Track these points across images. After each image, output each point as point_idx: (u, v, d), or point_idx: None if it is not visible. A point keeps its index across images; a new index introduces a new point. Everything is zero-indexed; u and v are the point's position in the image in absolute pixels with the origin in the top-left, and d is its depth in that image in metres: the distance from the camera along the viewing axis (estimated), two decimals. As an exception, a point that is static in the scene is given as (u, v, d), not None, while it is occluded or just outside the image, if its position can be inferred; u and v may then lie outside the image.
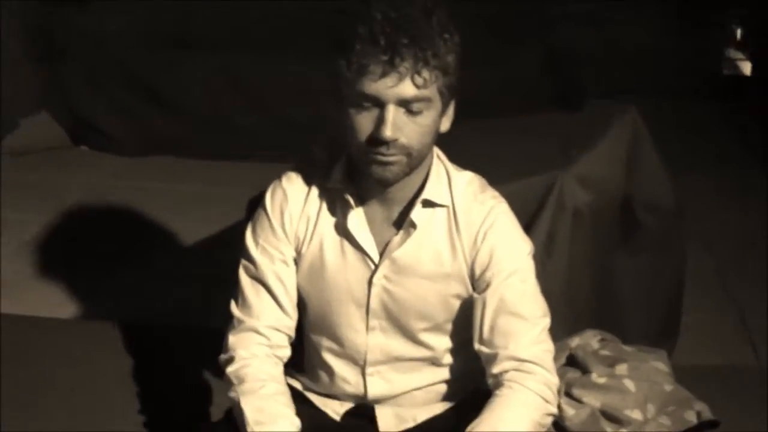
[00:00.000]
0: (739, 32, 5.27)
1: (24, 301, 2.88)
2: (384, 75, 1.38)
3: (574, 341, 2.09)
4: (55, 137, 4.25)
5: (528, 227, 2.14)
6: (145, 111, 4.26)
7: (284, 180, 1.61)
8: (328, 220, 1.57)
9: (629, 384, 1.95)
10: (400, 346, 1.60)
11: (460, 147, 1.68)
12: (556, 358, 2.03)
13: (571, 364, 2.04)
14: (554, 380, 1.52)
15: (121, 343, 2.56)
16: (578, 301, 2.25)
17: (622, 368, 2.00)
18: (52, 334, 2.65)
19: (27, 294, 2.96)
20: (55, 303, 2.90)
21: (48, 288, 2.99)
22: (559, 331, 2.14)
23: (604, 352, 2.07)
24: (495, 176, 1.72)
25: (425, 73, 1.39)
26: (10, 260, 3.19)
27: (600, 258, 2.36)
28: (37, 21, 4.10)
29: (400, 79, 1.39)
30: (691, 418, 1.95)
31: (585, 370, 1.99)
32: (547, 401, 1.48)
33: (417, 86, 1.40)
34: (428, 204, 1.54)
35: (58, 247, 3.32)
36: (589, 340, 2.10)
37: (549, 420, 1.50)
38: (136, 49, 4.24)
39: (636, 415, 1.90)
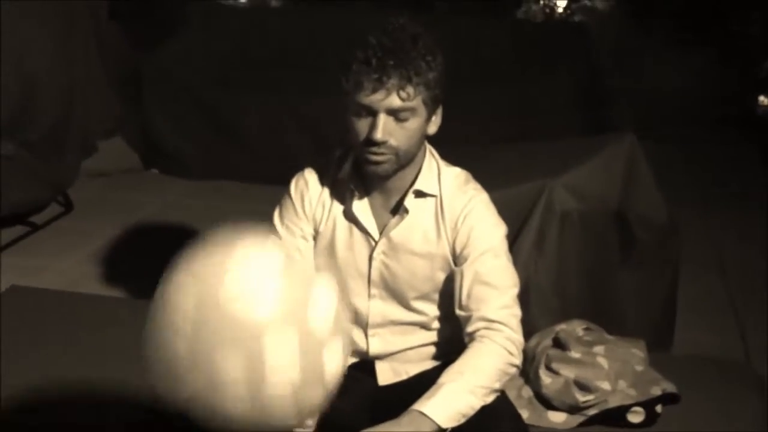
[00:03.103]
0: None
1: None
2: (375, 90, 1.71)
3: (561, 326, 2.38)
4: (129, 161, 4.70)
5: (521, 227, 2.46)
6: (212, 139, 4.65)
7: (306, 172, 1.96)
8: (339, 206, 1.91)
9: (602, 361, 2.24)
10: (396, 311, 1.92)
11: (467, 158, 2.01)
12: (542, 340, 2.35)
13: (556, 345, 2.33)
14: (518, 338, 1.81)
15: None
16: (568, 295, 2.54)
17: (598, 348, 2.28)
18: (109, 310, 3.02)
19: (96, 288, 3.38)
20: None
21: (113, 287, 3.40)
22: (548, 320, 2.46)
23: (587, 338, 2.35)
24: (494, 183, 2.05)
25: (409, 89, 1.72)
26: (80, 263, 3.63)
27: (593, 262, 2.64)
28: (122, 56, 4.55)
29: (389, 93, 1.71)
30: (656, 392, 2.23)
31: (565, 349, 2.28)
32: (510, 353, 1.79)
33: (402, 99, 1.72)
34: (419, 194, 1.87)
35: (123, 254, 3.73)
36: (574, 327, 2.39)
37: (512, 370, 1.80)
38: (207, 84, 4.66)
39: (605, 386, 2.19)
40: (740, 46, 5.46)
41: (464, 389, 1.70)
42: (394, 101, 1.72)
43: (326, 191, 1.93)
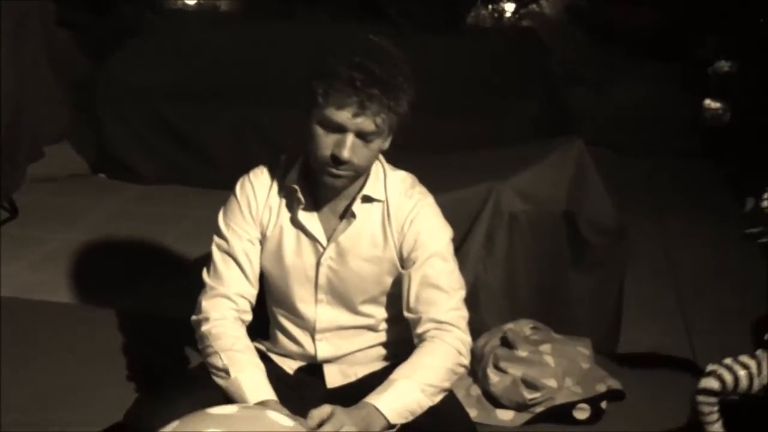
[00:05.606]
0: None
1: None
2: (353, 113, 1.71)
3: (509, 326, 2.41)
4: (76, 166, 4.64)
5: (469, 229, 2.49)
6: (165, 146, 4.60)
7: (252, 175, 1.95)
8: (286, 213, 1.91)
9: (549, 359, 2.28)
10: (343, 316, 1.93)
11: (416, 162, 2.03)
12: (491, 339, 2.38)
13: (504, 344, 2.36)
14: (467, 338, 1.84)
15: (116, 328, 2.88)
16: (518, 296, 2.57)
17: (545, 347, 2.32)
18: (56, 316, 3.02)
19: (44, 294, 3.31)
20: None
21: (61, 294, 3.35)
22: (498, 319, 2.49)
23: (534, 337, 2.39)
24: (442, 186, 2.06)
25: (384, 116, 1.73)
26: (26, 270, 3.56)
27: (542, 263, 2.67)
28: (72, 62, 4.49)
29: (365, 118, 1.72)
30: (601, 389, 2.27)
31: (513, 348, 2.31)
32: (460, 353, 1.81)
33: (377, 125, 1.74)
34: (367, 199, 1.88)
35: (70, 261, 3.66)
36: (522, 327, 2.42)
37: (461, 370, 1.83)
38: (161, 91, 4.61)
39: (551, 383, 2.22)
40: (691, 59, 5.57)
41: (416, 387, 1.73)
42: (368, 126, 1.73)
43: (273, 196, 1.92)
